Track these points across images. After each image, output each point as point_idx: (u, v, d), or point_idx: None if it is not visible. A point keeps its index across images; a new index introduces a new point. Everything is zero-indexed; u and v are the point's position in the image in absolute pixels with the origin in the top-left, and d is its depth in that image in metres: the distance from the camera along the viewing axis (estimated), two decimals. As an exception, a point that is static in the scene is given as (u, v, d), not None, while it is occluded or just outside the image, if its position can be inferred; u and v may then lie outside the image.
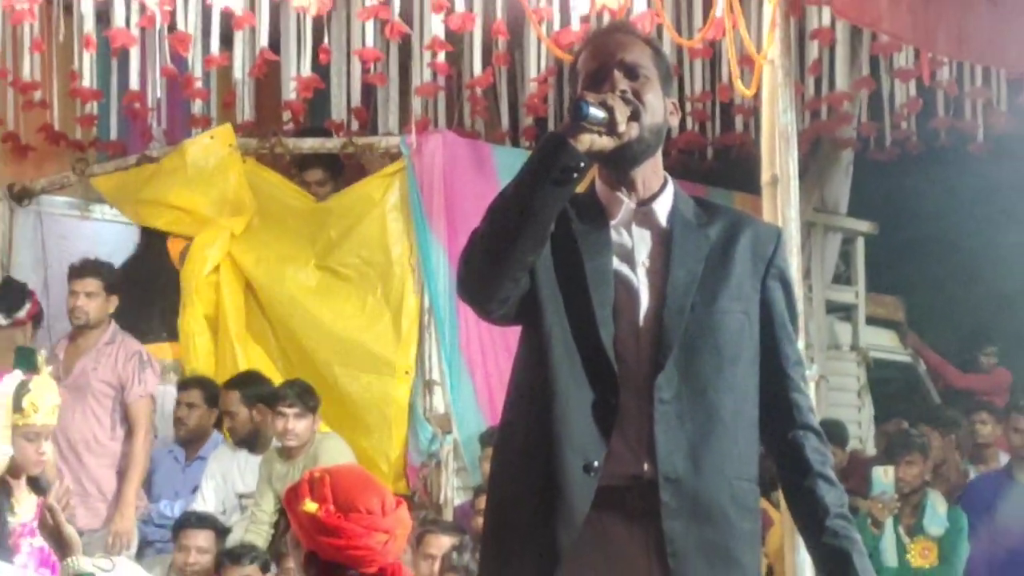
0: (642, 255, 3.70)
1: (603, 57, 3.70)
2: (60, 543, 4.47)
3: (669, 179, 3.76)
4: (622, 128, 3.49)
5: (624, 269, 3.69)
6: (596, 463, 3.57)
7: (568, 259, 3.68)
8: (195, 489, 8.44)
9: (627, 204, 3.69)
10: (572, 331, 3.66)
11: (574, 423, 3.60)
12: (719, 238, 3.71)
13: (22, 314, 8.74)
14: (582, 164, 3.43)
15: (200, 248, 8.99)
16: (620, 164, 3.62)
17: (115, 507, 8.10)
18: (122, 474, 8.19)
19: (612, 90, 3.58)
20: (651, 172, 3.70)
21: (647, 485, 3.56)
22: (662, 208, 3.70)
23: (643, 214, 3.70)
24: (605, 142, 3.47)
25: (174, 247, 9.46)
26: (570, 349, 3.65)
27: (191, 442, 8.67)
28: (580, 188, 3.59)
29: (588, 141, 3.42)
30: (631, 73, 3.65)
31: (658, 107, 3.65)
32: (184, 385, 8.79)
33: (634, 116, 3.54)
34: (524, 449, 3.69)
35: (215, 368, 8.97)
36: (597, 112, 3.46)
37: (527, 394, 3.71)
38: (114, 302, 8.39)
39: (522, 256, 3.55)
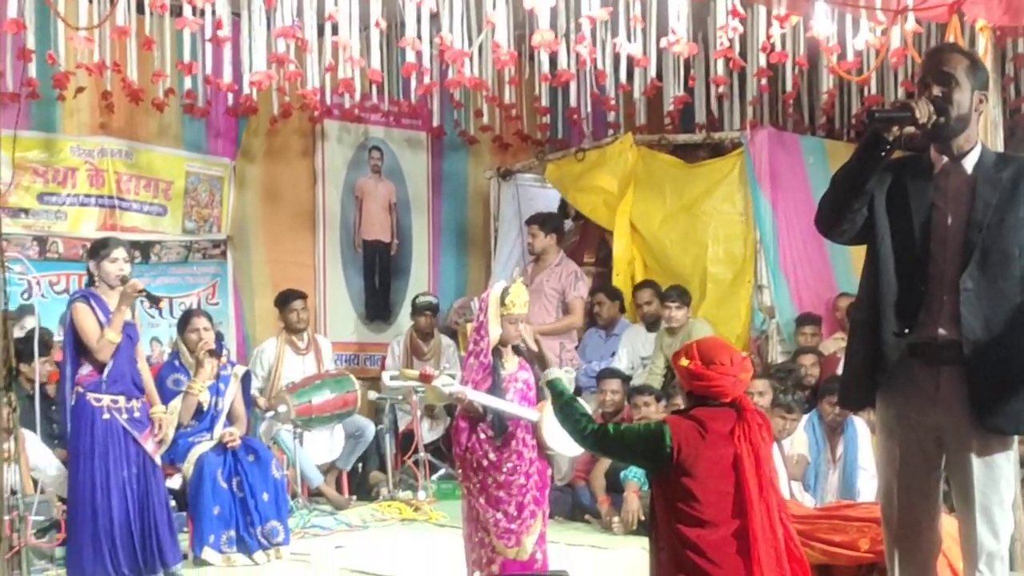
0: (952, 192, 3.85)
1: (926, 69, 3.89)
2: (542, 362, 4.94)
3: (979, 142, 3.88)
4: (923, 120, 3.69)
5: (939, 201, 3.86)
6: (906, 330, 3.82)
7: (898, 198, 3.87)
8: (613, 354, 9.27)
9: (944, 160, 3.89)
10: (898, 245, 3.84)
11: (893, 303, 3.84)
12: (1009, 178, 3.81)
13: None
14: (888, 146, 3.69)
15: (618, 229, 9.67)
16: (939, 138, 3.84)
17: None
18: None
19: (926, 93, 3.77)
20: (963, 140, 3.85)
21: (938, 342, 3.81)
22: (969, 162, 3.86)
23: (956, 167, 3.87)
24: (911, 129, 3.69)
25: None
26: (895, 256, 3.85)
27: (607, 326, 9.56)
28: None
29: (895, 132, 3.67)
30: (943, 80, 3.79)
31: (964, 102, 3.78)
32: (592, 292, 9.65)
33: (939, 112, 3.73)
34: (864, 320, 3.97)
35: (625, 280, 9.64)
36: (885, 115, 3.68)
37: (866, 286, 3.98)
38: (553, 238, 9.37)
39: (852, 202, 3.83)
